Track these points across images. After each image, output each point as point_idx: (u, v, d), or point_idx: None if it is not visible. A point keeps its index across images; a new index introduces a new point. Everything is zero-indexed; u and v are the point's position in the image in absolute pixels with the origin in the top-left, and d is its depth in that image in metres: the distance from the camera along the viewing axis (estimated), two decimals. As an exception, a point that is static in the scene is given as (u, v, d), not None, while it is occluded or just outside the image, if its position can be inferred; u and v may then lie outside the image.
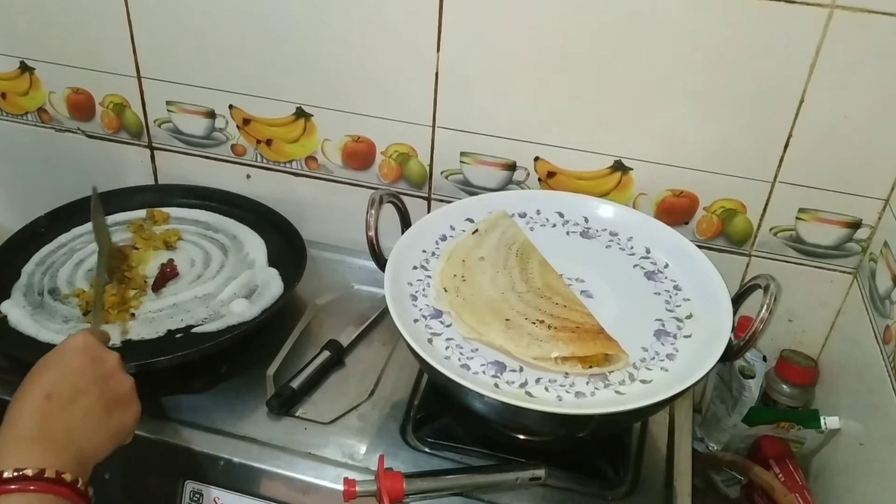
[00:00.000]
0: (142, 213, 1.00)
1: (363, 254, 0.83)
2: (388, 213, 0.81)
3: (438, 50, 0.88)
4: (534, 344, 0.68)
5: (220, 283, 0.89)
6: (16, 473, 0.52)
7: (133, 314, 0.84)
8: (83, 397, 0.59)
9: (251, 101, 0.98)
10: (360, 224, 0.77)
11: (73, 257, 0.93)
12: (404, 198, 0.83)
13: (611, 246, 0.83)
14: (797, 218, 0.88)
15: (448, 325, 0.72)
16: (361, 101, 0.94)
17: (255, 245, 0.96)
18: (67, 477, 0.54)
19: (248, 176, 1.05)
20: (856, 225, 0.86)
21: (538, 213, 0.86)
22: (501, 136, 0.91)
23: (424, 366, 0.68)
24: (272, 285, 0.89)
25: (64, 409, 0.57)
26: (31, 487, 0.52)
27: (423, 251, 0.80)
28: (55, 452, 0.55)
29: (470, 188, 0.96)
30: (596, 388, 0.67)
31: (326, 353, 0.85)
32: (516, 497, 0.71)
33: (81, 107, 1.06)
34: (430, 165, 0.96)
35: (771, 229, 0.89)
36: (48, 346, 0.79)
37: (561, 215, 0.86)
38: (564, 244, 0.83)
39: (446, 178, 0.97)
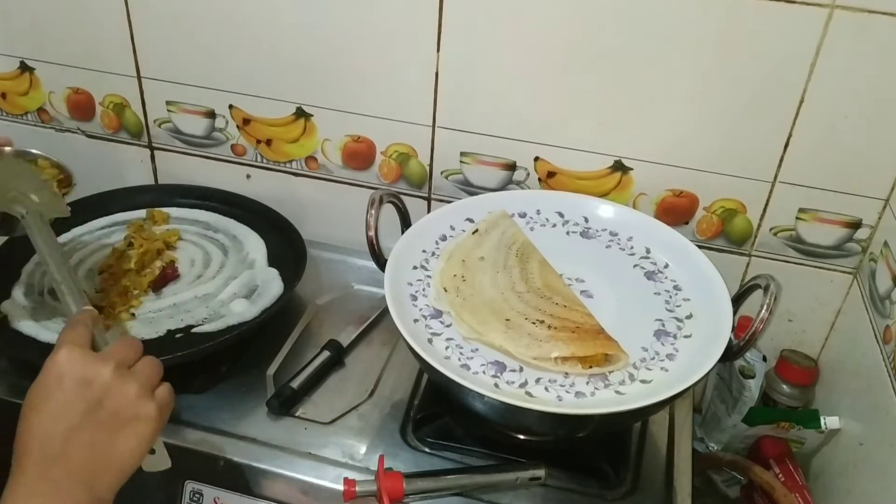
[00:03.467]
0: (142, 213, 1.00)
1: (363, 254, 0.83)
2: (388, 213, 0.81)
3: (438, 50, 0.88)
4: (534, 344, 0.68)
5: (220, 283, 0.89)
6: None
7: (133, 314, 0.84)
8: (79, 434, 0.54)
9: (251, 101, 0.98)
10: (360, 224, 0.77)
11: (73, 257, 0.93)
12: (404, 198, 0.83)
13: (611, 246, 0.83)
14: (797, 218, 0.88)
15: (448, 325, 0.72)
16: (361, 101, 0.94)
17: (255, 245, 0.95)
18: None
19: (248, 176, 1.05)
20: (856, 225, 0.86)
21: (538, 213, 0.86)
22: (501, 136, 0.91)
23: (424, 366, 0.68)
24: (272, 285, 0.89)
25: (62, 455, 0.54)
26: None
27: (423, 251, 0.80)
28: (61, 502, 0.52)
29: (470, 188, 0.96)
30: (596, 388, 0.67)
31: (326, 353, 0.85)
32: (516, 497, 0.71)
33: (81, 107, 1.06)
34: (430, 165, 0.96)
35: (771, 229, 0.89)
36: (48, 346, 0.79)
37: (561, 215, 0.86)
38: (564, 244, 0.83)
39: (446, 178, 0.97)
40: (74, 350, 0.57)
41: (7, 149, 0.78)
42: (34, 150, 0.82)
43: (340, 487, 0.67)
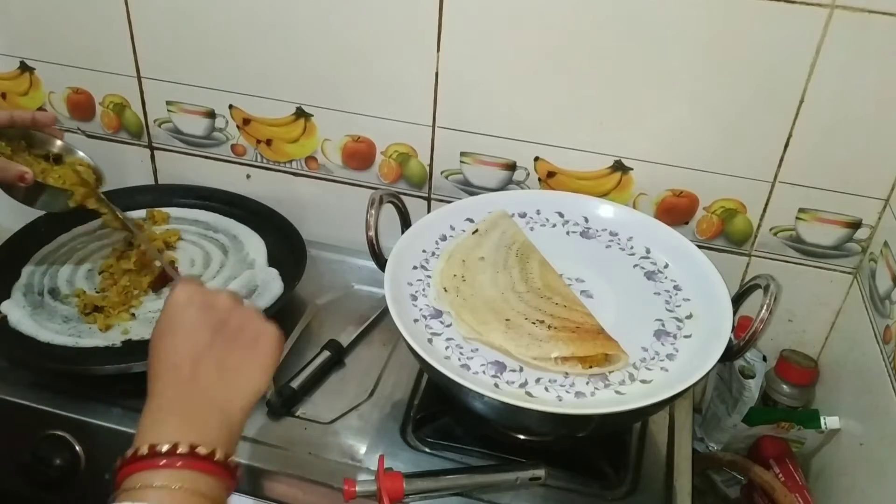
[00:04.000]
0: (142, 213, 1.00)
1: (363, 254, 0.83)
2: (388, 213, 0.81)
3: (438, 50, 0.88)
4: (534, 344, 0.68)
5: (220, 283, 0.89)
6: (149, 450, 0.50)
7: (133, 314, 0.84)
8: (210, 353, 0.56)
9: (251, 101, 0.98)
10: (360, 224, 0.77)
11: (73, 257, 0.93)
12: (404, 198, 0.83)
13: (611, 246, 0.83)
14: (797, 218, 0.88)
15: (448, 325, 0.72)
16: (361, 101, 0.94)
17: (255, 245, 0.96)
18: (203, 450, 0.50)
19: (248, 176, 1.05)
20: (856, 225, 0.86)
21: (538, 213, 0.86)
22: (501, 136, 0.91)
23: (424, 366, 0.68)
24: (272, 285, 0.89)
25: (194, 375, 0.55)
26: (178, 464, 0.50)
27: (423, 251, 0.80)
28: (195, 423, 0.53)
29: (470, 188, 0.96)
30: (596, 388, 0.67)
31: (326, 353, 0.85)
32: (516, 497, 0.71)
33: (81, 107, 1.06)
34: (430, 165, 0.96)
35: (771, 229, 0.89)
36: (48, 346, 0.80)
37: (561, 215, 0.86)
38: (564, 244, 0.83)
39: (446, 178, 0.97)
40: (192, 284, 0.59)
41: (59, 142, 0.87)
42: (80, 153, 0.88)
43: (341, 487, 0.67)
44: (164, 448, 0.50)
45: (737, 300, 0.74)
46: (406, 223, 0.83)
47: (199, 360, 0.55)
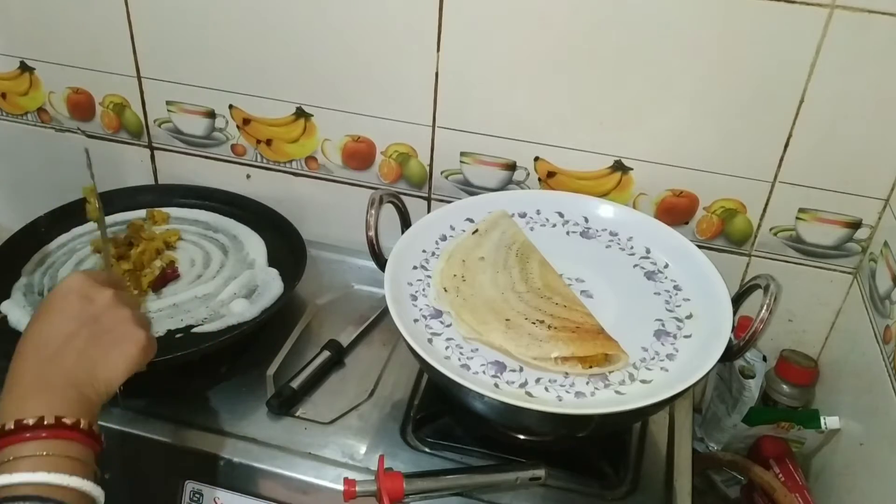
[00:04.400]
0: (142, 213, 1.00)
1: (363, 254, 0.83)
2: (388, 213, 0.81)
3: (438, 50, 0.88)
4: (534, 344, 0.68)
5: (220, 283, 0.89)
6: (15, 425, 0.53)
7: (133, 314, 0.84)
8: (74, 340, 0.59)
9: (251, 101, 0.98)
10: (360, 224, 0.77)
11: (73, 257, 0.93)
12: (404, 198, 0.83)
13: (611, 246, 0.83)
14: (797, 218, 0.88)
15: (448, 325, 0.72)
16: (361, 101, 0.94)
17: (255, 245, 0.96)
18: (68, 420, 0.54)
19: (248, 176, 1.05)
20: (856, 225, 0.86)
21: (538, 213, 0.86)
22: (501, 136, 0.91)
23: (424, 366, 0.68)
24: (272, 285, 0.89)
25: (56, 356, 0.58)
26: (43, 434, 0.53)
27: (423, 251, 0.80)
28: (55, 398, 0.56)
29: (470, 188, 0.96)
30: (596, 388, 0.67)
31: (326, 353, 0.85)
32: (516, 497, 0.71)
33: (81, 107, 1.06)
34: (430, 165, 0.96)
35: (771, 229, 0.89)
36: (48, 346, 0.80)
37: (561, 215, 0.86)
38: (564, 244, 0.83)
39: (446, 178, 0.97)
40: (82, 275, 0.63)
41: None
42: None
43: (340, 487, 0.67)
44: (31, 422, 0.53)
45: (737, 300, 0.74)
46: (406, 223, 0.83)
47: (64, 344, 0.59)
